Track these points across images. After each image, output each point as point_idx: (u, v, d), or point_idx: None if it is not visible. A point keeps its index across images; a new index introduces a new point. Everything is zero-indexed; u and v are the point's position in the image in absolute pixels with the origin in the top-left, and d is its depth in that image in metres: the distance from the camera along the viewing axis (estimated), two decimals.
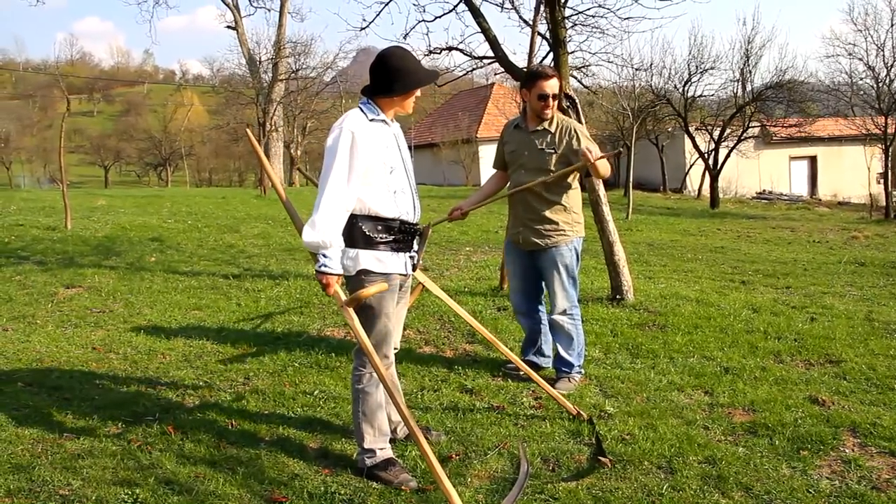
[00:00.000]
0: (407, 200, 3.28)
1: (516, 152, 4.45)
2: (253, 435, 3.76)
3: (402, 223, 3.25)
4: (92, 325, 5.97)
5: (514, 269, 4.66)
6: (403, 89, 3.22)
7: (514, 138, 4.50)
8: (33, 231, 11.07)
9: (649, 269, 8.60)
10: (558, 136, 4.35)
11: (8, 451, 3.59)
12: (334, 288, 3.07)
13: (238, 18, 24.50)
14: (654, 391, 4.31)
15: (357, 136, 3.09)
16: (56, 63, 70.38)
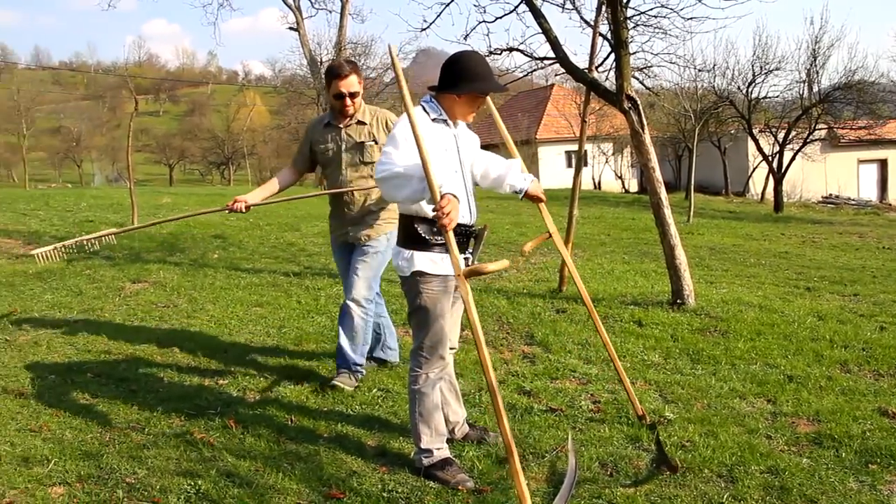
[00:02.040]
0: (462, 203, 3.27)
1: (332, 150, 4.48)
2: (312, 431, 3.81)
3: (458, 225, 3.24)
4: (157, 319, 6.11)
5: (340, 266, 4.67)
6: (467, 89, 3.20)
7: (325, 136, 4.49)
8: (102, 227, 11.38)
9: (711, 274, 8.45)
10: (376, 127, 4.46)
11: (79, 438, 3.71)
12: (454, 217, 2.91)
13: (300, 20, 24.87)
14: (714, 398, 4.23)
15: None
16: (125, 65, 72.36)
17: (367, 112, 4.46)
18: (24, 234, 10.66)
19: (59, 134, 69.91)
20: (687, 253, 6.58)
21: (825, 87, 22.24)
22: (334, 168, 4.47)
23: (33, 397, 4.29)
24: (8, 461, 3.44)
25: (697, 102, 20.10)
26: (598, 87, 6.63)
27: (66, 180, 60.91)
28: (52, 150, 67.42)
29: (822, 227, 16.50)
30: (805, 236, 14.00)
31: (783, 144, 22.47)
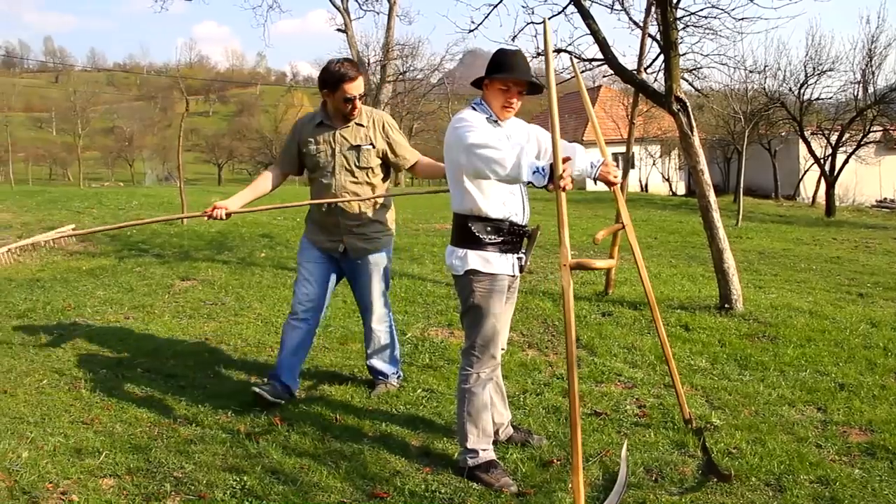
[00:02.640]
0: (516, 202, 3.28)
1: (325, 152, 4.16)
2: (356, 430, 3.83)
3: (512, 224, 3.26)
4: (205, 316, 6.20)
5: (314, 281, 4.26)
6: (488, 77, 3.25)
7: (317, 137, 4.17)
8: (153, 225, 11.59)
9: (760, 279, 8.31)
10: (373, 130, 4.17)
11: (128, 432, 3.78)
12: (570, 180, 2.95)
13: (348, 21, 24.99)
14: (763, 405, 4.16)
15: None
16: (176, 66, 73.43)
17: (364, 114, 4.17)
18: None
19: (112, 134, 71.46)
20: (735, 257, 6.47)
21: (881, 87, 21.68)
22: (326, 172, 4.16)
23: (85, 390, 4.38)
24: (62, 452, 3.52)
25: (747, 104, 19.76)
26: (646, 89, 6.57)
27: (119, 179, 62.20)
28: (105, 149, 68.96)
29: (875, 231, 16.12)
30: (858, 241, 13.68)
31: (836, 147, 21.97)
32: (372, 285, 4.29)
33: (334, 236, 4.21)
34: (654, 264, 9.03)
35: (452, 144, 3.19)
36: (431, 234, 11.47)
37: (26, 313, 6.23)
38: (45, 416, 3.97)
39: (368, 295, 4.32)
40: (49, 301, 6.63)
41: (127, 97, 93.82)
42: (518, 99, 3.26)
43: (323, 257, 4.27)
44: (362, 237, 4.20)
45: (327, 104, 4.17)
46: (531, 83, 3.24)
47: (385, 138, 4.20)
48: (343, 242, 4.20)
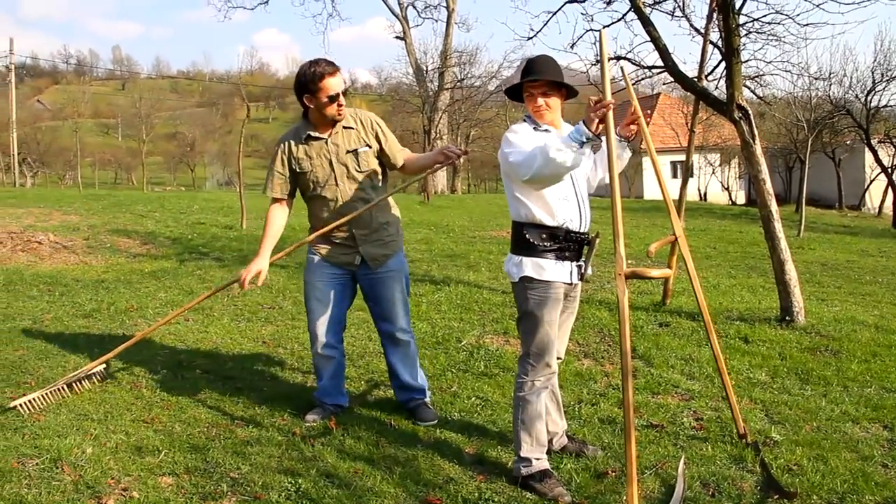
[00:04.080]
0: (572, 208, 3.26)
1: (322, 165, 3.92)
2: (411, 436, 3.84)
3: (568, 231, 3.24)
4: (263, 320, 6.29)
5: (333, 301, 4.03)
6: (513, 85, 3.38)
7: (309, 152, 3.93)
8: (213, 229, 11.83)
9: (822, 291, 8.11)
10: (364, 131, 3.95)
11: (187, 432, 3.85)
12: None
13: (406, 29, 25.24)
14: (825, 421, 4.05)
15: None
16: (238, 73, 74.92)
17: (349, 116, 3.95)
18: (142, 234, 11.17)
19: (174, 139, 73.17)
20: (797, 268, 6.33)
21: None
22: (327, 186, 3.93)
23: (146, 390, 4.48)
24: (123, 449, 3.61)
25: (811, 112, 19.34)
26: (707, 97, 6.47)
27: (181, 184, 63.65)
28: (168, 154, 70.61)
29: None
30: None
31: None
32: (395, 293, 4.04)
33: (349, 248, 3.99)
34: (712, 275, 8.89)
35: (500, 156, 3.27)
36: (487, 242, 11.46)
37: (92, 313, 6.41)
38: (108, 414, 4.08)
39: (392, 305, 4.05)
40: (113, 302, 6.81)
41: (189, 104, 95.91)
42: (545, 99, 3.27)
43: (336, 274, 4.02)
44: (378, 243, 4.00)
45: (309, 113, 3.93)
46: (561, 83, 3.28)
47: (377, 138, 4.01)
48: (359, 253, 3.99)
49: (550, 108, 3.28)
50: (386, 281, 4.03)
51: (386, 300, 4.05)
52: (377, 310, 4.11)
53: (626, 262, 2.98)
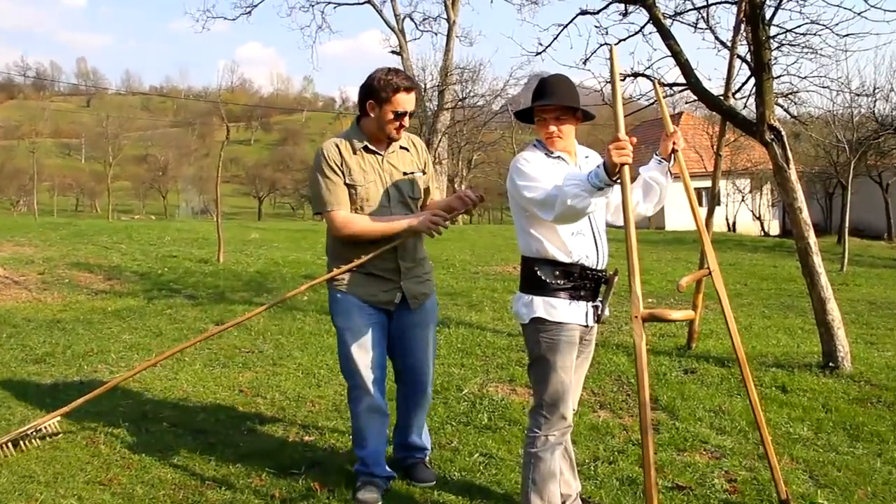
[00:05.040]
0: (587, 243, 3.24)
1: (374, 184, 3.81)
2: (406, 498, 3.77)
3: (584, 269, 3.21)
4: (240, 365, 6.24)
5: (377, 348, 3.87)
6: (520, 110, 3.48)
7: (364, 165, 3.83)
8: (186, 263, 11.81)
9: (871, 333, 8.05)
10: (417, 155, 3.98)
11: (150, 495, 3.78)
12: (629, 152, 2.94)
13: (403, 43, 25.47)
14: (881, 485, 3.97)
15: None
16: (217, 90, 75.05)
17: (404, 136, 3.94)
18: (105, 268, 11.15)
19: (145, 162, 73.71)
20: (841, 307, 6.28)
21: None
22: (379, 209, 3.82)
23: (104, 446, 4.41)
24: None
25: (853, 131, 19.37)
26: (734, 116, 6.47)
27: (150, 212, 63.83)
28: (137, 179, 71.08)
29: None
30: None
31: None
32: (429, 339, 4.00)
33: (390, 284, 3.87)
34: (744, 315, 8.84)
35: (508, 187, 3.29)
36: (491, 278, 11.44)
37: (44, 358, 6.36)
38: (58, 475, 4.00)
39: (424, 353, 3.99)
40: (70, 345, 6.76)
41: (162, 123, 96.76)
42: (558, 126, 3.27)
43: (375, 316, 3.87)
44: (417, 279, 3.94)
45: (365, 122, 3.86)
46: (573, 107, 3.28)
47: (425, 166, 4.04)
48: (401, 289, 3.88)
49: (563, 134, 3.28)
50: (422, 324, 3.96)
51: (418, 347, 3.98)
52: (406, 357, 4.00)
53: (646, 301, 2.94)
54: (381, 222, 3.75)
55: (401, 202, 3.87)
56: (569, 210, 2.99)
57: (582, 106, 3.31)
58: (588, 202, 2.96)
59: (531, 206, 3.14)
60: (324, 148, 3.84)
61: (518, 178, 3.19)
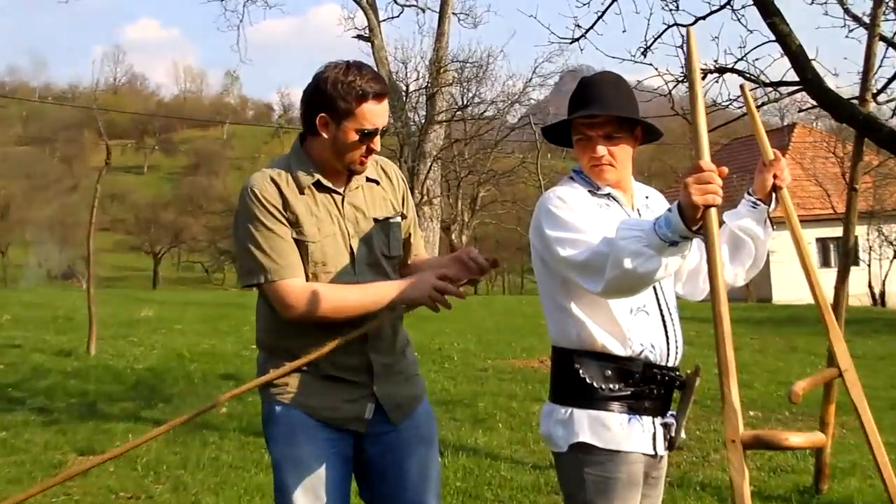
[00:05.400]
0: (653, 326, 3.22)
1: (331, 238, 3.69)
2: None
3: (648, 366, 3.19)
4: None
5: (336, 492, 3.69)
6: (552, 128, 3.50)
7: (312, 209, 3.69)
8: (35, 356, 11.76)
9: None
10: (393, 189, 3.88)
11: None
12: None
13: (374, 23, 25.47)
14: None
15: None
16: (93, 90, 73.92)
17: (379, 164, 3.90)
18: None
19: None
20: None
21: None
22: (338, 274, 3.72)
23: None
24: None
25: None
26: (877, 129, 6.49)
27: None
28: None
29: None
30: None
31: None
32: (427, 471, 3.82)
33: (359, 391, 3.71)
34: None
35: (533, 240, 3.27)
36: (507, 378, 11.41)
37: None
38: None
39: (423, 489, 3.82)
40: None
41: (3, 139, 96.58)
42: (609, 147, 3.23)
43: (334, 441, 3.71)
44: (400, 378, 3.79)
45: (314, 147, 3.74)
46: (635, 120, 3.27)
47: (403, 202, 3.94)
48: (373, 398, 3.72)
49: (617, 161, 3.25)
50: (412, 447, 3.77)
51: (411, 480, 3.78)
52: (395, 497, 3.82)
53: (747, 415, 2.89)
54: (359, 292, 3.59)
55: (371, 264, 3.73)
56: (627, 277, 2.90)
57: (643, 118, 3.31)
58: (656, 264, 2.86)
59: (569, 271, 3.10)
60: (254, 185, 3.63)
61: (549, 226, 3.15)
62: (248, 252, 3.59)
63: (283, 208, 3.60)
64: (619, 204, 3.29)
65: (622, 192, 3.31)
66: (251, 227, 3.58)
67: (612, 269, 2.90)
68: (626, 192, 3.33)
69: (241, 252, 3.65)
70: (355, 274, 3.65)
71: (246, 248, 3.59)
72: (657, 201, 3.43)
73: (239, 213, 3.66)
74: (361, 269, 3.68)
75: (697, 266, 3.47)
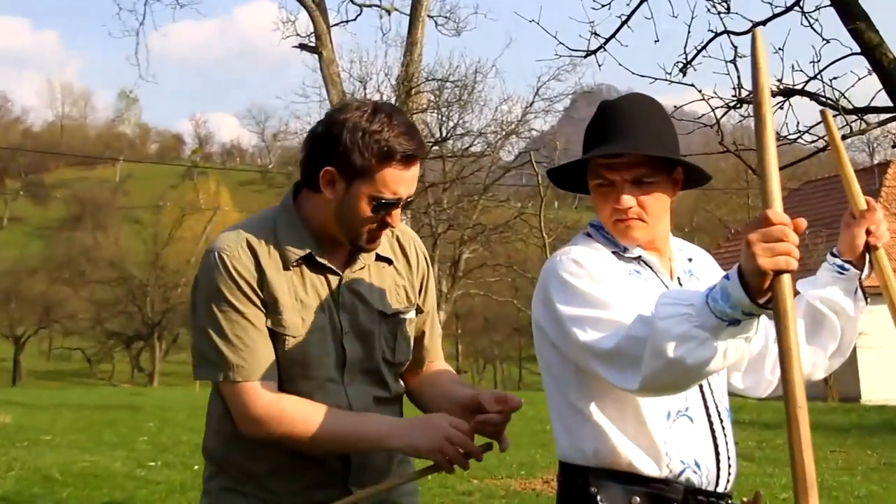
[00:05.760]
0: (700, 436, 3.22)
1: (321, 331, 3.67)
2: None
3: (690, 492, 3.18)
4: None
5: None
6: (560, 173, 3.48)
7: (301, 293, 3.67)
8: None
9: None
10: (410, 270, 3.90)
11: None
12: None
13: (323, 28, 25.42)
14: None
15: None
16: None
17: (394, 234, 3.91)
18: None
19: None
20: None
21: None
22: (321, 386, 3.70)
23: None
24: None
25: None
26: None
27: None
28: None
29: None
30: None
31: None
32: None
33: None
34: None
35: (538, 319, 3.24)
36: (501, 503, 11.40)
37: None
38: None
39: None
40: None
41: None
42: (639, 196, 3.20)
43: None
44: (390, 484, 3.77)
45: (312, 207, 3.72)
46: (670, 160, 3.22)
47: (422, 288, 3.96)
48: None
49: (649, 214, 3.21)
50: None
51: None
52: None
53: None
54: (349, 425, 3.55)
55: (366, 372, 3.75)
56: (672, 369, 2.80)
57: (684, 156, 3.30)
58: (711, 352, 2.76)
59: (591, 362, 3.03)
60: (224, 250, 3.59)
61: (562, 301, 3.11)
62: (207, 338, 3.53)
63: (259, 286, 3.56)
64: (652, 270, 3.26)
65: (657, 254, 3.29)
66: (214, 307, 3.53)
67: (653, 358, 2.79)
68: (663, 254, 3.32)
69: (199, 336, 3.57)
70: (343, 384, 3.66)
71: (205, 332, 3.53)
72: (704, 265, 3.43)
73: (200, 283, 3.60)
74: (353, 377, 3.69)
75: (762, 350, 3.42)
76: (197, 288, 3.58)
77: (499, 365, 60.78)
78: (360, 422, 3.51)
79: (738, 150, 7.39)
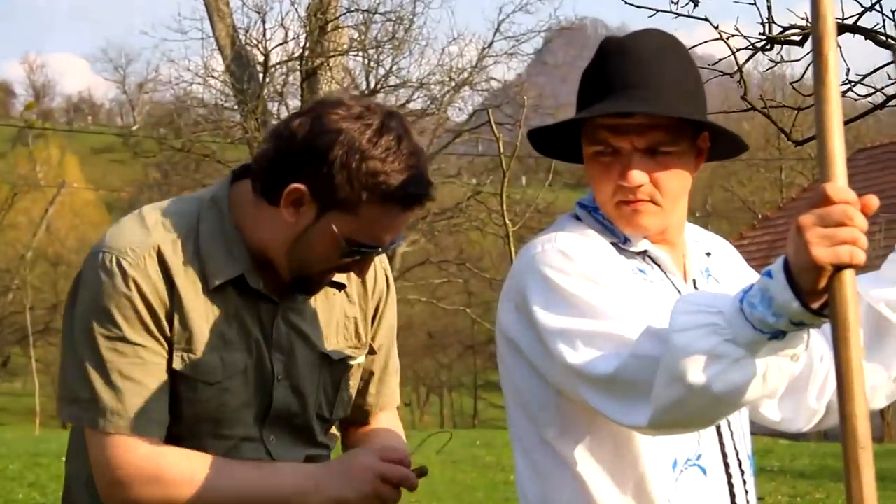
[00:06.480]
0: (714, 492, 3.29)
1: (244, 375, 3.76)
2: None
3: None
4: None
5: None
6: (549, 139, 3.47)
7: (223, 325, 3.71)
8: None
9: None
10: (370, 297, 4.03)
11: None
12: None
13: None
14: None
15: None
16: None
17: None
18: None
19: None
20: None
21: None
22: (233, 434, 3.80)
23: None
24: None
25: None
26: None
27: None
28: None
29: None
30: None
31: None
32: None
33: None
34: None
35: (508, 330, 3.25)
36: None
37: None
38: None
39: None
40: None
41: None
42: (650, 171, 3.19)
43: None
44: None
45: (257, 217, 3.73)
46: (699, 123, 3.24)
47: (376, 319, 4.03)
48: None
49: (665, 195, 3.21)
50: None
51: None
52: None
53: None
54: (243, 475, 3.61)
55: (295, 429, 3.86)
56: (694, 399, 2.76)
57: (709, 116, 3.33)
58: (746, 374, 2.70)
59: (582, 389, 3.03)
60: (123, 253, 3.54)
61: (544, 306, 3.12)
62: (80, 370, 3.50)
63: (168, 313, 3.53)
64: (661, 270, 3.27)
65: (668, 248, 3.30)
66: (97, 331, 3.47)
67: (668, 385, 2.74)
68: (675, 248, 3.33)
69: (71, 366, 3.54)
70: (264, 441, 3.75)
71: (79, 362, 3.49)
72: (725, 261, 3.47)
73: (81, 296, 3.54)
74: (279, 434, 3.77)
75: (805, 368, 3.25)
76: (76, 301, 3.50)
77: (447, 394, 60.29)
78: (268, 476, 3.53)
79: (768, 108, 7.44)
